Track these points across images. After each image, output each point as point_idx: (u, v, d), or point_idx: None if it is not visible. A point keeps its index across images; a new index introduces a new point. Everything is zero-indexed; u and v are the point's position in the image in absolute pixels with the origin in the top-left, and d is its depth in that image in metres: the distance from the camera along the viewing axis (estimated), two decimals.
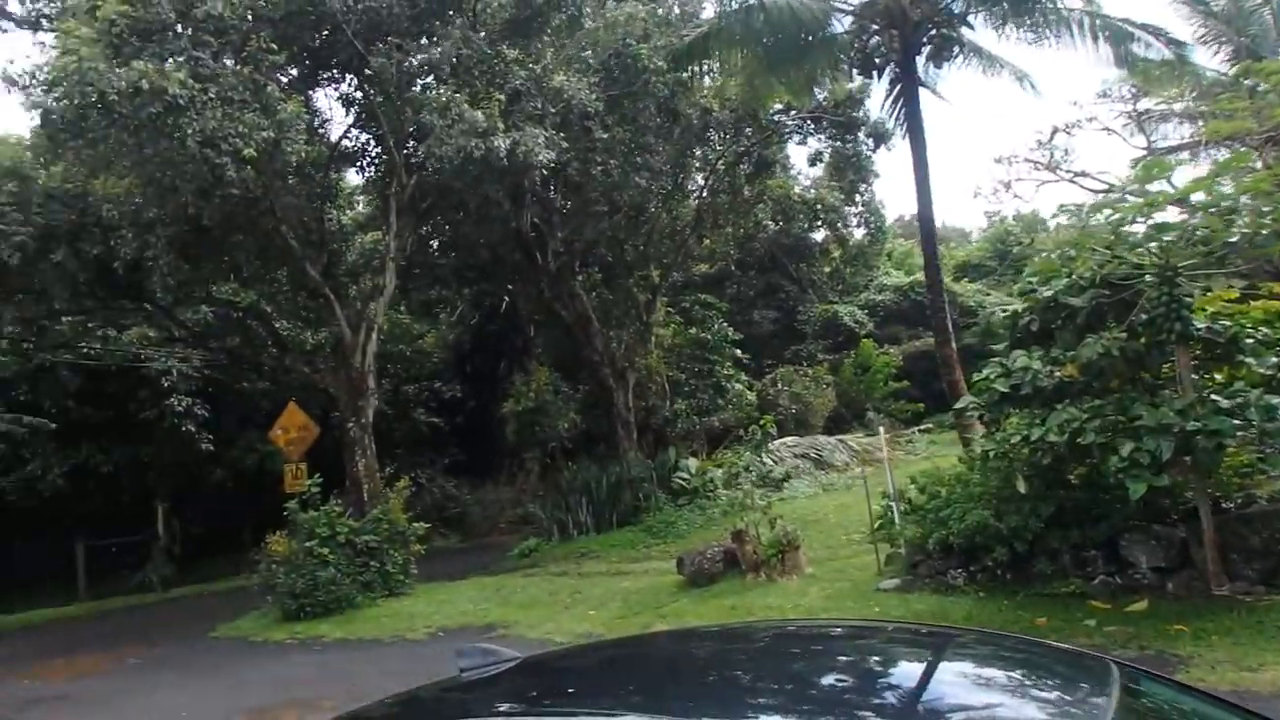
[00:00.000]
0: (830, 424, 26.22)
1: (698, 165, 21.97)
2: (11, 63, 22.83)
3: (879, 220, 26.16)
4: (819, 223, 25.61)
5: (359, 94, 17.43)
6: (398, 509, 15.19)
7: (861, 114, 22.04)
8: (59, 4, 15.79)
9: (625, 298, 22.51)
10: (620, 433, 20.81)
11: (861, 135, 22.61)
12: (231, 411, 23.94)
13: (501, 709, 2.47)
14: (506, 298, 25.25)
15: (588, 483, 19.35)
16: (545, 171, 15.42)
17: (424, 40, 15.71)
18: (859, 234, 26.97)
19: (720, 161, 21.70)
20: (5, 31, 16.55)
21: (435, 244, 21.74)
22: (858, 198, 24.81)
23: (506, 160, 13.75)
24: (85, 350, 21.85)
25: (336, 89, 17.74)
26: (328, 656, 11.33)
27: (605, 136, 16.65)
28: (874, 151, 23.04)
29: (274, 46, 14.39)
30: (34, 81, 14.97)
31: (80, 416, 22.37)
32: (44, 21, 16.21)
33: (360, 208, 23.79)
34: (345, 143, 18.56)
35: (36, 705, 9.99)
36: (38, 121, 16.01)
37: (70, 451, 21.99)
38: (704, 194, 22.69)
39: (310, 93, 17.34)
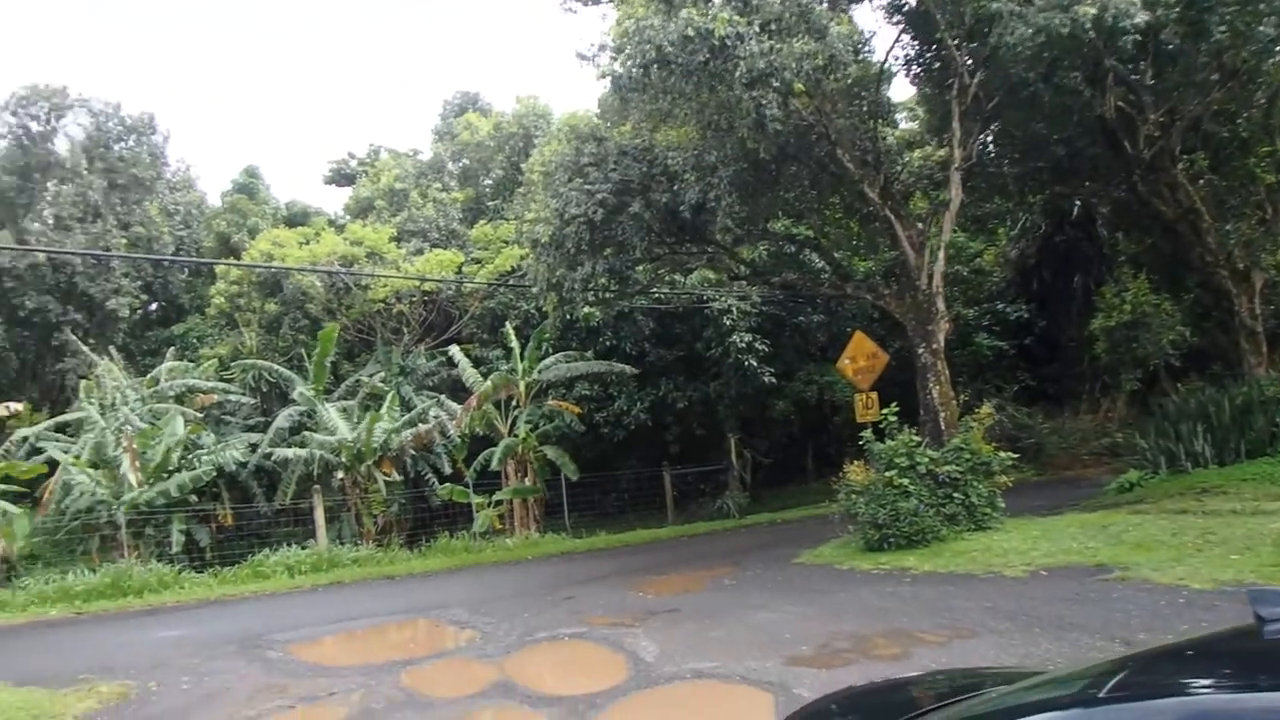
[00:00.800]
0: None
1: None
2: (580, 40, 25.97)
3: None
4: None
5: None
6: (979, 438, 14.67)
7: None
8: None
9: (1243, 182, 19.07)
10: (1245, 346, 17.89)
11: None
12: (789, 345, 25.31)
13: None
14: (1079, 201, 23.11)
15: (1204, 406, 16.89)
16: (1136, 40, 13.52)
17: None
18: None
19: None
20: (575, 13, 18.77)
21: (994, 150, 20.42)
22: None
23: (1093, 30, 12.29)
24: (656, 295, 24.52)
25: None
26: (918, 588, 11.24)
27: None
28: None
29: None
30: (601, 52, 16.85)
31: (655, 357, 25.18)
32: None
33: (904, 124, 23.37)
34: (894, 53, 18.10)
35: (654, 616, 11.06)
36: (606, 89, 18.11)
37: (649, 389, 24.90)
38: None
39: (853, 7, 17.21)
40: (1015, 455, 15.08)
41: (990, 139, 19.44)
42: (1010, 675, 3.18)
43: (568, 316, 21.80)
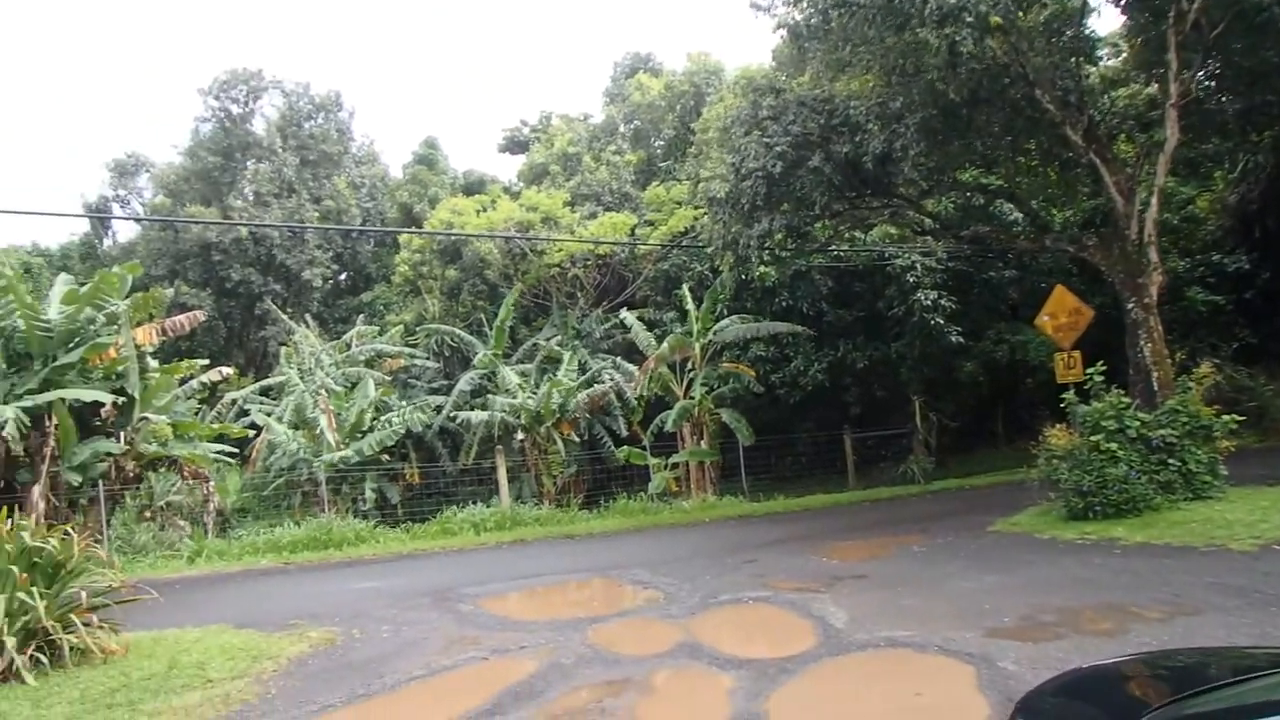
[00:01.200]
0: None
1: None
2: None
3: None
4: None
5: None
6: (1197, 400, 13.53)
7: None
8: None
9: None
10: None
11: None
12: (977, 303, 24.13)
13: None
14: None
15: None
16: None
17: None
18: None
19: None
20: None
21: (1213, 85, 18.61)
22: None
23: None
24: (835, 253, 23.89)
25: None
26: (1130, 561, 10.50)
27: None
28: None
29: None
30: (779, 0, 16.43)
31: (834, 317, 24.55)
32: None
33: (1106, 61, 21.74)
34: None
35: (841, 581, 10.76)
36: (782, 39, 17.60)
37: (827, 350, 24.31)
38: None
39: None
40: (1240, 419, 13.81)
41: (1209, 72, 17.79)
42: (1264, 657, 2.79)
43: (743, 276, 21.52)
